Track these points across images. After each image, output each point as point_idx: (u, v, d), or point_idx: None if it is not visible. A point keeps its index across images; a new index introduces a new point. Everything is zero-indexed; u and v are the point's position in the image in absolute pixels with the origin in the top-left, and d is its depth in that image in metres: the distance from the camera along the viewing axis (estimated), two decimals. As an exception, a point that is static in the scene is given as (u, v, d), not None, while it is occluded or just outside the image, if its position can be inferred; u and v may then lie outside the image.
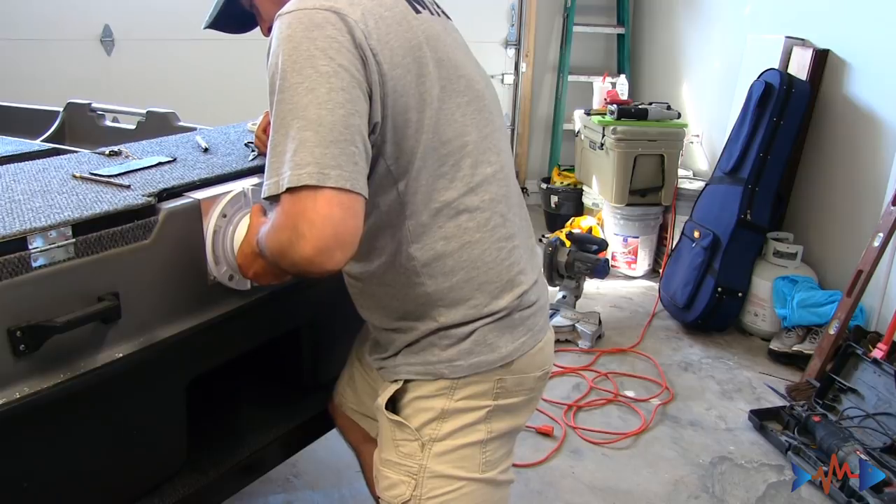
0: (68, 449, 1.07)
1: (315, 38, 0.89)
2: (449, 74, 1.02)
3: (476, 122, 1.05)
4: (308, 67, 0.87)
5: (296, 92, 0.87)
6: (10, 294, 0.95)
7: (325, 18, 0.90)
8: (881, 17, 2.75)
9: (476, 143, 1.04)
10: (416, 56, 0.97)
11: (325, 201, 0.83)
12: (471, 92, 1.05)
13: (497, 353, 1.06)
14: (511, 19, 4.42)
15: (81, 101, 2.31)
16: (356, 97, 0.89)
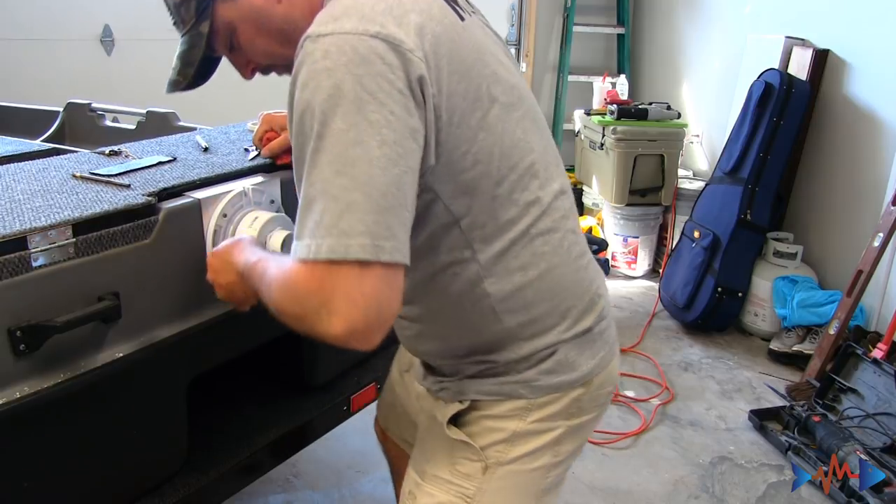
0: (68, 449, 1.07)
1: (361, 76, 0.74)
2: (503, 89, 0.90)
3: (535, 135, 0.94)
4: (354, 113, 0.74)
5: (339, 141, 0.73)
6: (10, 294, 0.95)
7: (372, 50, 0.75)
8: (881, 17, 2.75)
9: (540, 158, 0.94)
10: (471, 77, 0.85)
11: (373, 279, 0.72)
12: (523, 102, 0.94)
13: (579, 371, 0.97)
14: (511, 19, 4.41)
15: (81, 101, 2.31)
16: (410, 150, 0.77)
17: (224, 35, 0.97)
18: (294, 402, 1.52)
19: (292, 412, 1.48)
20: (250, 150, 1.45)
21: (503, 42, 1.05)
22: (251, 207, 1.25)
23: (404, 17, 0.79)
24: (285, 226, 1.26)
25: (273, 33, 0.94)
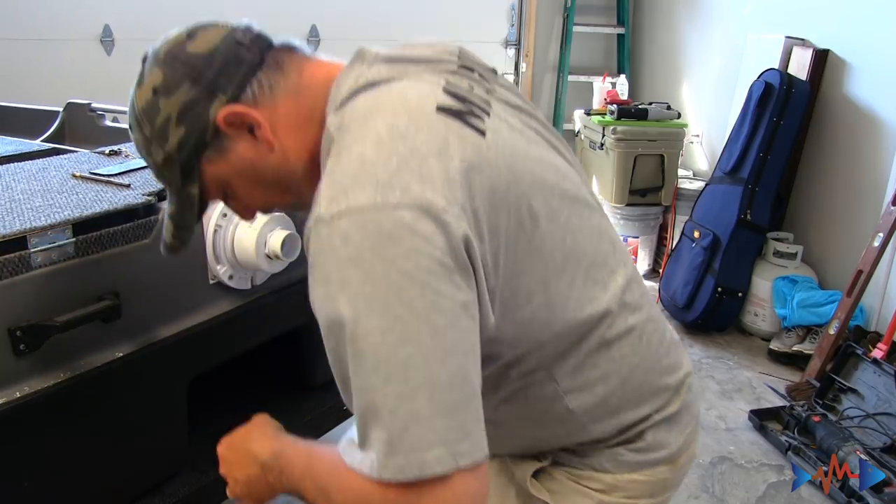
0: (68, 448, 1.07)
1: (394, 258, 0.62)
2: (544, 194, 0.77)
3: (588, 227, 0.83)
4: (395, 305, 0.62)
5: (382, 343, 0.62)
6: (10, 294, 0.95)
7: (399, 223, 0.63)
8: (881, 17, 2.75)
9: (597, 255, 0.82)
10: (509, 202, 0.72)
11: (456, 485, 0.63)
12: (568, 193, 0.81)
13: (668, 449, 0.90)
14: (511, 19, 4.41)
15: (81, 101, 2.31)
16: (467, 329, 0.66)
17: (217, 189, 0.85)
18: (294, 402, 1.52)
19: (292, 412, 1.48)
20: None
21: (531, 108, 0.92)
22: None
23: (424, 168, 0.66)
24: (285, 226, 1.26)
25: (270, 184, 0.83)
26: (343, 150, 0.70)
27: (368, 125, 0.70)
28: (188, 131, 0.79)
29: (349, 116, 0.73)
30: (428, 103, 0.73)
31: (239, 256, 1.22)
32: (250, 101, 0.78)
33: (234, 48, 0.80)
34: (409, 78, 0.78)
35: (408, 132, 0.69)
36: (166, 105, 0.79)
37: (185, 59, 0.79)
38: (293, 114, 0.80)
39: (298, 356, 1.51)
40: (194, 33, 0.82)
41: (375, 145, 0.68)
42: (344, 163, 0.68)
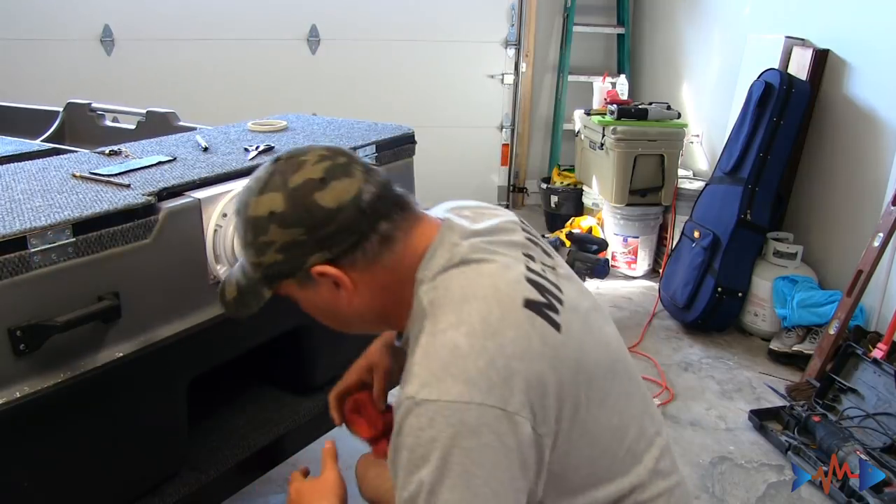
0: (68, 449, 1.07)
1: (470, 449, 0.75)
2: (595, 380, 0.87)
3: (636, 407, 0.94)
4: (462, 488, 0.75)
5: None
6: (10, 294, 0.95)
7: (481, 420, 0.75)
8: (881, 17, 2.75)
9: (636, 431, 0.92)
10: (571, 394, 0.83)
11: None
12: (623, 374, 0.93)
13: None
14: (511, 19, 4.41)
15: (81, 101, 2.32)
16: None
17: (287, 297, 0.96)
18: (294, 402, 1.52)
19: (292, 412, 1.48)
20: (250, 150, 1.45)
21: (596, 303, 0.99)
22: None
23: (508, 370, 0.78)
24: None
25: (336, 316, 0.94)
26: (438, 332, 0.80)
27: (463, 311, 0.81)
28: (284, 261, 0.87)
29: (444, 295, 0.84)
30: (516, 296, 0.83)
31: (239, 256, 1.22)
32: (348, 264, 0.87)
33: (354, 215, 0.85)
34: (496, 258, 0.87)
35: (498, 329, 0.80)
36: (275, 232, 0.86)
37: (309, 206, 0.84)
38: (384, 281, 0.89)
39: (298, 356, 1.51)
40: (328, 181, 0.85)
41: (468, 337, 0.79)
42: (438, 346, 0.79)
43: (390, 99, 4.32)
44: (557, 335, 0.83)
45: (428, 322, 0.82)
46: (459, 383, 0.76)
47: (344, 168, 0.87)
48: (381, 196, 0.87)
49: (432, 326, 0.81)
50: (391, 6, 4.26)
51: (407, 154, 1.66)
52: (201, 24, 4.03)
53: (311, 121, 1.79)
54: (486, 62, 4.47)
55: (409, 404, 0.77)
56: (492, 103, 4.56)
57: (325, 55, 4.24)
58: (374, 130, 1.66)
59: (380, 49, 4.29)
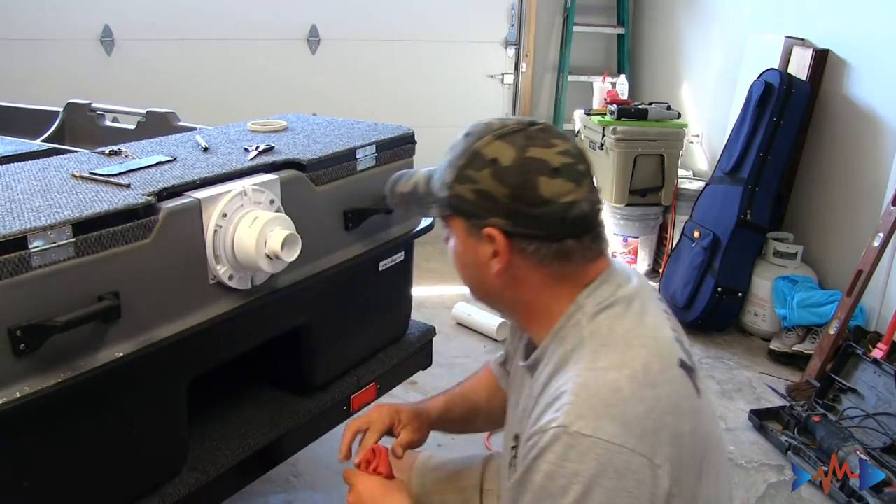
0: (68, 449, 1.07)
1: (611, 490, 0.76)
2: (719, 458, 0.91)
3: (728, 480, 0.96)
4: None
5: None
6: (10, 294, 0.95)
7: (627, 465, 0.77)
8: (881, 17, 2.75)
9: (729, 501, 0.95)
10: (699, 465, 0.85)
11: None
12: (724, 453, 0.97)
13: None
14: (511, 19, 4.41)
15: (81, 101, 2.31)
16: None
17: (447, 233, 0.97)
18: (294, 402, 1.52)
19: (292, 412, 1.48)
20: (250, 150, 1.45)
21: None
22: (251, 207, 1.25)
23: (660, 423, 0.80)
24: (285, 226, 1.26)
25: (476, 280, 0.95)
26: (600, 369, 0.82)
27: (627, 355, 0.83)
28: (472, 203, 0.89)
29: (607, 334, 0.86)
30: (673, 354, 0.86)
31: (239, 256, 1.22)
32: (518, 247, 0.88)
33: (555, 219, 0.86)
34: (651, 307, 0.92)
35: (657, 381, 0.82)
36: (485, 177, 0.87)
37: (529, 181, 0.86)
38: (538, 283, 0.90)
39: (298, 356, 1.51)
40: (558, 174, 0.86)
41: (630, 381, 0.80)
42: (600, 384, 0.81)
43: (390, 99, 4.32)
44: (698, 400, 0.86)
45: (587, 355, 0.84)
46: (617, 425, 0.78)
47: (577, 175, 0.87)
48: (587, 219, 0.88)
49: (592, 362, 0.83)
50: (391, 6, 4.26)
51: (407, 154, 1.66)
52: (201, 24, 4.03)
53: (311, 121, 1.79)
54: (486, 62, 4.47)
55: (559, 432, 0.78)
56: (492, 103, 4.56)
57: (325, 55, 4.24)
58: (374, 130, 1.66)
59: (380, 49, 4.29)
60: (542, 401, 0.86)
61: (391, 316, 1.76)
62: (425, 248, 3.97)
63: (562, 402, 0.81)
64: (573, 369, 0.84)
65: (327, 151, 1.46)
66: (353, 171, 1.51)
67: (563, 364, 0.87)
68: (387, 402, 1.30)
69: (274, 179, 1.32)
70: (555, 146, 0.88)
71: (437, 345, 1.85)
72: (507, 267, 0.89)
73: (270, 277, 1.29)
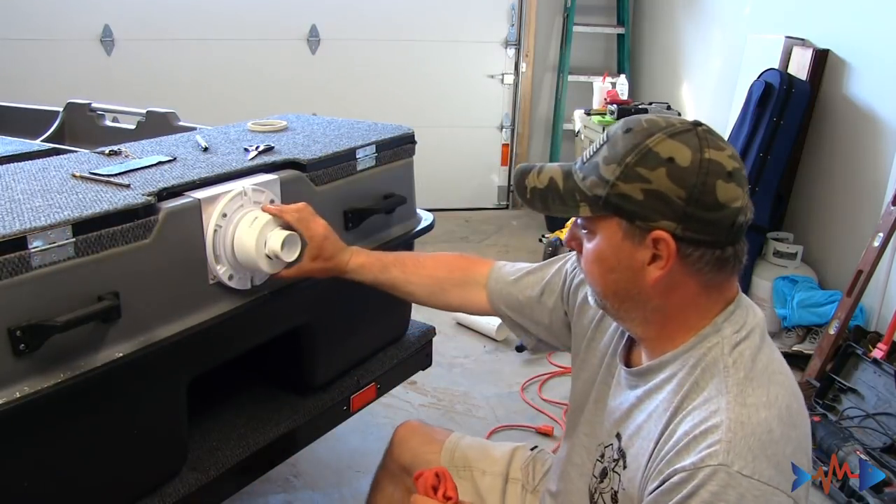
0: (68, 449, 1.07)
1: None
2: None
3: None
4: None
5: None
6: (10, 294, 0.95)
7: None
8: (881, 17, 2.75)
9: None
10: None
11: None
12: None
13: None
14: (511, 19, 4.41)
15: (81, 101, 2.31)
16: None
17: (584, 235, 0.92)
18: (294, 402, 1.52)
19: (292, 412, 1.48)
20: (250, 150, 1.45)
21: None
22: (251, 207, 1.25)
23: (799, 463, 0.81)
24: (285, 226, 1.26)
25: (614, 282, 0.90)
26: (750, 406, 0.81)
27: (771, 393, 0.83)
28: (639, 203, 0.83)
29: (750, 366, 0.85)
30: (800, 392, 0.88)
31: (239, 256, 1.22)
32: (683, 253, 0.84)
33: (726, 224, 0.83)
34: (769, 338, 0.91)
35: (797, 422, 0.83)
36: (660, 176, 0.82)
37: (707, 184, 0.82)
38: (689, 293, 0.87)
39: (298, 356, 1.51)
40: (732, 178, 0.83)
41: (779, 422, 0.81)
42: (755, 423, 0.80)
43: (390, 99, 4.32)
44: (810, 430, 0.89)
45: (734, 387, 0.83)
46: (772, 467, 0.78)
47: (743, 180, 0.85)
48: (746, 228, 0.87)
49: (741, 396, 0.82)
50: (391, 6, 4.26)
51: (407, 154, 1.66)
52: (201, 24, 4.03)
53: (311, 121, 1.79)
54: (486, 62, 4.47)
55: (716, 469, 0.77)
56: (492, 103, 4.56)
57: (325, 55, 4.24)
58: (374, 130, 1.66)
59: (380, 49, 4.29)
60: (681, 427, 0.84)
61: (391, 316, 1.76)
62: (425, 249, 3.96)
63: (716, 437, 0.79)
64: (720, 400, 0.82)
65: (327, 151, 1.46)
66: (352, 171, 1.51)
67: (698, 389, 0.85)
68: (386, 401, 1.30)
69: (274, 179, 1.32)
70: (725, 149, 0.84)
71: (437, 345, 1.85)
72: (666, 273, 0.85)
73: (270, 277, 1.29)
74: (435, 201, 1.91)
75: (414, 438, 1.35)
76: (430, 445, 1.33)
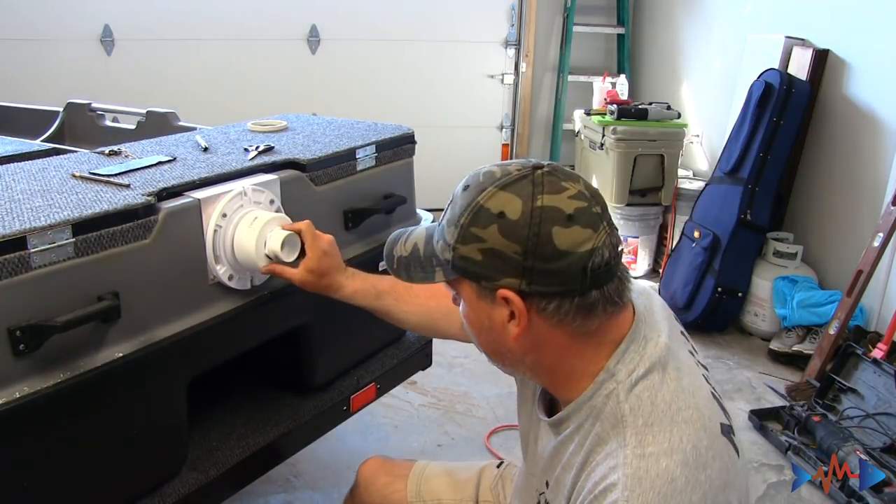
0: (68, 449, 1.07)
1: None
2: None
3: None
4: None
5: None
6: (10, 294, 0.95)
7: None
8: (881, 17, 2.75)
9: None
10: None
11: None
12: None
13: None
14: (511, 19, 4.41)
15: (81, 101, 2.32)
16: None
17: (455, 298, 0.91)
18: (294, 402, 1.52)
19: (292, 412, 1.48)
20: (250, 150, 1.45)
21: None
22: (251, 207, 1.25)
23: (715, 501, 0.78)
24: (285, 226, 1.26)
25: (494, 345, 0.89)
26: (649, 455, 0.77)
27: (674, 435, 0.78)
28: (479, 263, 0.81)
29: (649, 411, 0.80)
30: (715, 421, 0.83)
31: (239, 256, 1.22)
32: (536, 307, 0.81)
33: (575, 271, 0.79)
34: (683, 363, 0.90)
35: (707, 461, 0.78)
36: (492, 234, 0.80)
37: (542, 233, 0.78)
38: (560, 343, 0.84)
39: (298, 356, 1.51)
40: (573, 222, 0.79)
41: (683, 468, 0.76)
42: (654, 475, 0.76)
43: (390, 99, 4.32)
44: (738, 461, 0.83)
45: (632, 438, 0.79)
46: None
47: (593, 220, 0.81)
48: (609, 265, 0.82)
49: (640, 446, 0.78)
50: (391, 6, 4.26)
51: (407, 154, 1.66)
52: (201, 24, 4.03)
53: (311, 121, 1.79)
54: (486, 62, 4.47)
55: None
56: (492, 103, 4.56)
57: (325, 55, 4.24)
58: (374, 130, 1.66)
59: (380, 49, 4.29)
60: (586, 485, 0.81)
61: (391, 316, 1.75)
62: (425, 248, 3.97)
63: (614, 496, 0.76)
64: (619, 454, 0.79)
65: (327, 151, 1.46)
66: (352, 171, 1.51)
67: (601, 442, 0.82)
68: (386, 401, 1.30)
69: (274, 179, 1.32)
70: (565, 190, 0.80)
71: (437, 345, 1.85)
72: (527, 329, 0.82)
73: (270, 277, 1.29)
74: (435, 201, 1.91)
75: (379, 479, 1.32)
76: (396, 484, 1.30)
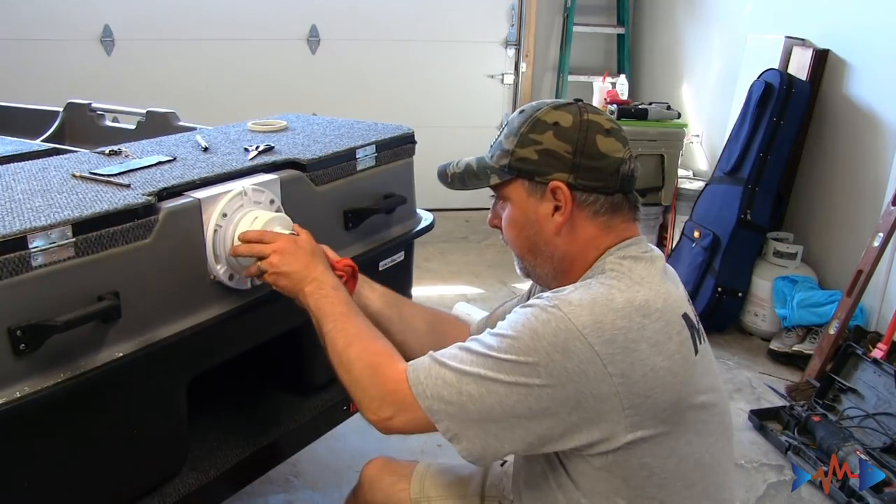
0: (68, 448, 1.07)
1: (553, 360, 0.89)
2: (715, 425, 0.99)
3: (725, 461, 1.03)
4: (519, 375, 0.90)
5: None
6: (10, 294, 0.95)
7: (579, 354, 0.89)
8: (881, 16, 2.75)
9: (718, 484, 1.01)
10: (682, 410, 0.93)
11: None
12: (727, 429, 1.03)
13: None
14: (511, 19, 4.41)
15: (81, 101, 2.31)
16: None
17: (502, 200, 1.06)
18: (294, 402, 1.52)
19: (292, 412, 1.48)
20: (250, 150, 1.45)
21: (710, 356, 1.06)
22: (251, 207, 1.25)
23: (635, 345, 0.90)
24: (285, 226, 1.26)
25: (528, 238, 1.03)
26: (605, 286, 0.93)
27: (634, 288, 0.93)
28: (535, 161, 0.99)
29: (626, 273, 0.95)
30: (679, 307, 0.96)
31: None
32: (578, 199, 0.98)
33: (612, 171, 0.98)
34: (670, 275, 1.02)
35: (651, 315, 0.91)
36: (549, 137, 0.99)
37: (588, 137, 0.97)
38: (588, 235, 1.00)
39: (298, 356, 1.51)
40: (610, 134, 0.99)
41: (627, 303, 0.90)
42: (599, 290, 0.92)
43: (390, 99, 4.32)
44: (693, 356, 0.94)
45: (604, 276, 0.95)
46: (591, 320, 0.88)
47: (623, 138, 1.00)
48: (633, 177, 1.00)
49: (605, 283, 0.93)
50: (391, 6, 4.26)
51: (407, 154, 1.66)
52: (201, 24, 4.03)
53: (311, 121, 1.79)
54: (486, 62, 4.47)
55: (546, 299, 0.91)
56: (492, 103, 4.56)
57: (325, 55, 4.24)
58: (374, 130, 1.66)
59: (380, 49, 4.29)
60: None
61: (391, 316, 1.75)
62: (425, 249, 3.97)
63: (564, 291, 0.93)
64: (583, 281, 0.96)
65: (327, 151, 1.46)
66: (352, 171, 1.51)
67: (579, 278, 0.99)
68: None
69: (274, 179, 1.32)
70: (602, 114, 1.01)
71: (437, 345, 1.85)
72: (568, 219, 0.98)
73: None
74: (435, 201, 1.91)
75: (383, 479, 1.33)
76: (399, 484, 1.32)
